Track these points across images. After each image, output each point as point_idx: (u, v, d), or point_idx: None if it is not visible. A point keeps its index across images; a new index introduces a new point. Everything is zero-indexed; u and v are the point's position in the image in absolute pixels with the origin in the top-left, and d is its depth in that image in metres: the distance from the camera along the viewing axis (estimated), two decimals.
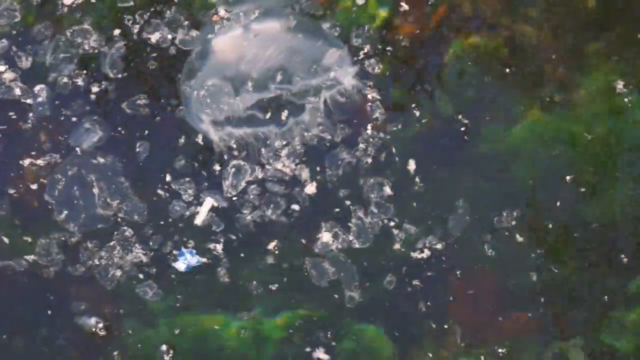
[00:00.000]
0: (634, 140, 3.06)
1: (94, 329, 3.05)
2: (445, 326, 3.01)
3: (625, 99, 3.07)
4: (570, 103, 3.09)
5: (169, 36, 3.12)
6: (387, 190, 3.04)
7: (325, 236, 3.04)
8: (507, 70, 3.11)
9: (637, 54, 3.10)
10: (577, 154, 3.06)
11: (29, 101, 3.14)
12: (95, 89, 3.14)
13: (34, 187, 3.10)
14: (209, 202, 3.06)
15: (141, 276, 3.06)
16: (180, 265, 3.04)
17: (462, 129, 3.07)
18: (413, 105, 3.09)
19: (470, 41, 3.11)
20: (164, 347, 3.04)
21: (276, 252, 3.05)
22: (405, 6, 3.15)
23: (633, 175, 3.04)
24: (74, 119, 3.12)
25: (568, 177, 3.03)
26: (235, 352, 3.05)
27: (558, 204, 3.02)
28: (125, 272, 3.05)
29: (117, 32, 3.14)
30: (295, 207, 3.06)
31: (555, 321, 3.02)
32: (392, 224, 3.03)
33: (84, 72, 3.14)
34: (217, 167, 3.07)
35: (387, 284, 3.01)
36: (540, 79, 3.10)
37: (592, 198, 3.03)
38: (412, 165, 3.06)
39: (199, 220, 3.06)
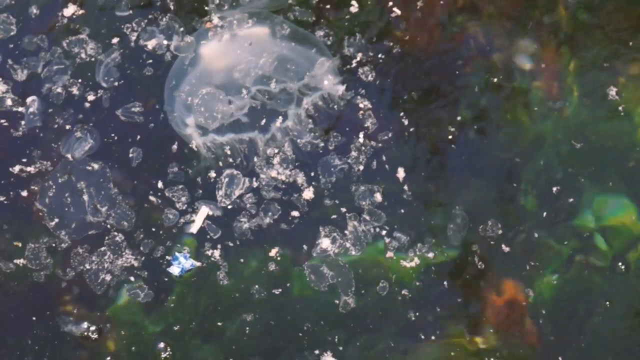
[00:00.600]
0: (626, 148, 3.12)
1: (85, 333, 2.99)
2: (433, 337, 2.99)
3: (619, 107, 3.14)
4: (560, 111, 3.17)
5: (165, 42, 3.19)
6: (378, 197, 3.06)
7: (324, 242, 3.03)
8: (495, 79, 3.20)
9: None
10: (565, 164, 3.11)
11: (21, 109, 3.17)
12: (90, 97, 3.17)
13: (24, 194, 3.10)
14: (204, 210, 3.05)
15: (132, 279, 3.02)
16: (175, 269, 3.01)
17: (451, 137, 3.13)
18: (402, 114, 3.16)
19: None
20: (161, 345, 2.99)
21: (278, 258, 3.04)
22: (397, 11, 3.25)
23: (622, 183, 3.10)
24: (67, 127, 3.14)
25: (555, 189, 3.07)
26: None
27: (545, 214, 3.05)
28: (116, 277, 3.02)
29: (115, 40, 3.20)
30: (295, 213, 3.06)
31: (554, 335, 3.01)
32: (383, 232, 3.04)
33: (79, 80, 3.18)
34: (212, 175, 3.09)
35: (380, 290, 3.00)
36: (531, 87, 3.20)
37: (581, 207, 3.07)
38: (401, 173, 3.10)
39: (194, 229, 3.04)
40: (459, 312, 2.99)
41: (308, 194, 3.06)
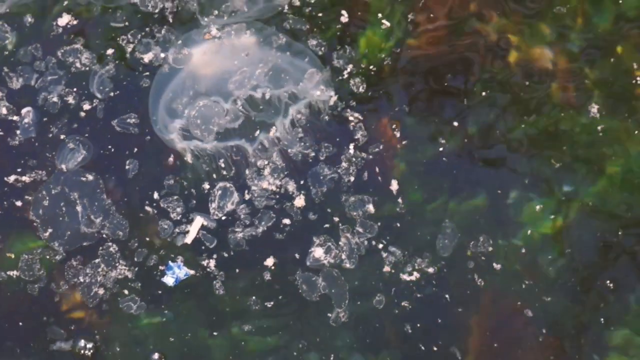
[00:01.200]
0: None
1: (82, 352, 2.98)
2: (435, 348, 3.00)
3: (598, 127, 3.15)
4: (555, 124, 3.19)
5: (162, 54, 3.18)
6: (371, 208, 3.07)
7: (317, 251, 3.04)
8: (484, 93, 3.21)
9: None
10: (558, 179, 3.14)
11: (16, 118, 3.15)
12: (86, 106, 3.16)
13: (19, 203, 3.09)
14: (198, 220, 3.06)
15: (126, 292, 3.02)
16: (169, 279, 3.01)
17: (441, 149, 3.15)
18: (394, 127, 3.17)
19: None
20: (155, 356, 2.99)
21: (273, 268, 3.04)
22: (386, 23, 3.26)
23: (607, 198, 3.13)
24: (62, 136, 3.13)
25: (538, 207, 3.09)
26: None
27: (529, 232, 3.07)
28: (108, 290, 3.01)
29: (110, 51, 3.20)
30: (286, 221, 3.07)
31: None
32: (380, 245, 3.05)
33: (74, 89, 3.17)
34: (206, 186, 3.09)
35: (376, 304, 3.01)
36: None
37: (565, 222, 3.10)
38: (394, 186, 3.11)
39: (189, 239, 3.05)
40: (458, 325, 3.01)
41: (299, 201, 3.08)
